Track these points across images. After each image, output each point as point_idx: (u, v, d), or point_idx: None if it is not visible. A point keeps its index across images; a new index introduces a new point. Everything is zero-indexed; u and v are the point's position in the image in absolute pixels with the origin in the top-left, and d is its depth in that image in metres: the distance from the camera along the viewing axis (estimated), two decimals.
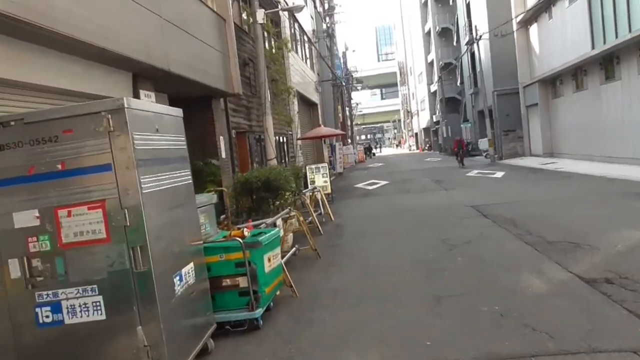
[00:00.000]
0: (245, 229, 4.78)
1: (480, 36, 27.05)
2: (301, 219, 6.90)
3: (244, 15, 13.80)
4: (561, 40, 21.41)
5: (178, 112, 4.16)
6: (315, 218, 9.44)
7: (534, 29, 25.77)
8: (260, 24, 11.25)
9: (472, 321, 4.20)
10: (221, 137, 10.27)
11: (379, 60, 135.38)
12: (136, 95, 6.80)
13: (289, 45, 17.53)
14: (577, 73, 21.13)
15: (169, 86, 8.34)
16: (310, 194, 11.11)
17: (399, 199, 13.81)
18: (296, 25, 23.11)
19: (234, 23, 12.71)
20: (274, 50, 14.94)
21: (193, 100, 9.85)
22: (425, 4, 53.57)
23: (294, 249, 6.66)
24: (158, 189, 3.48)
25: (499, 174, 18.89)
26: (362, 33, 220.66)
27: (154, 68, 6.70)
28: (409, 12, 65.96)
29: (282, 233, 6.07)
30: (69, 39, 5.03)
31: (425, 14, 54.14)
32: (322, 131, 16.40)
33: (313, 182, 14.39)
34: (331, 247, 7.92)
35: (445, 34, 48.87)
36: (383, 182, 19.96)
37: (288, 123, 15.66)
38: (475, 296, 4.83)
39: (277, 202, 7.08)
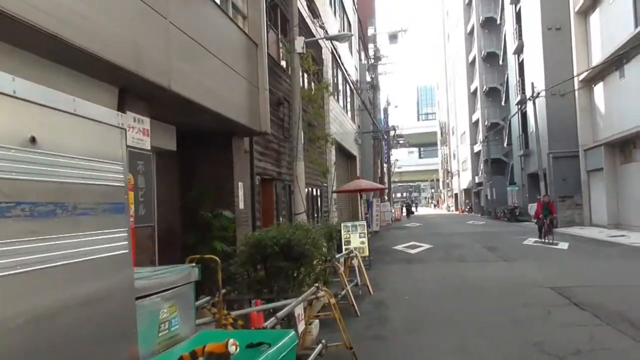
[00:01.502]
0: (233, 338, 2.74)
1: (538, 94, 25.04)
2: (332, 300, 4.81)
3: (282, 50, 12.34)
4: (637, 100, 19.11)
5: (110, 114, 2.27)
6: (351, 293, 7.29)
7: (599, 88, 23.59)
8: (299, 53, 9.62)
9: None
10: (240, 184, 8.43)
11: (418, 120, 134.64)
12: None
13: (330, 88, 16.01)
14: None
15: (175, 114, 6.62)
16: (345, 258, 9.00)
17: (452, 270, 11.48)
18: (339, 71, 21.76)
19: (269, 55, 11.19)
20: (313, 92, 13.34)
21: (210, 137, 8.13)
22: (473, 63, 52.36)
23: (319, 346, 4.54)
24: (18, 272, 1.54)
25: (563, 245, 16.26)
26: (404, 92, 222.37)
27: (148, 83, 4.97)
28: (454, 72, 64.95)
29: (302, 328, 3.99)
30: (18, 23, 3.35)
31: (472, 73, 52.80)
32: (361, 184, 14.46)
33: (348, 242, 12.29)
34: (372, 342, 5.73)
35: (492, 94, 47.14)
36: (426, 246, 17.60)
37: (323, 173, 13.83)
38: None
39: (301, 275, 5.04)
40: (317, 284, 4.71)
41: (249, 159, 9.75)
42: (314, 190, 15.83)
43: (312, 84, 15.64)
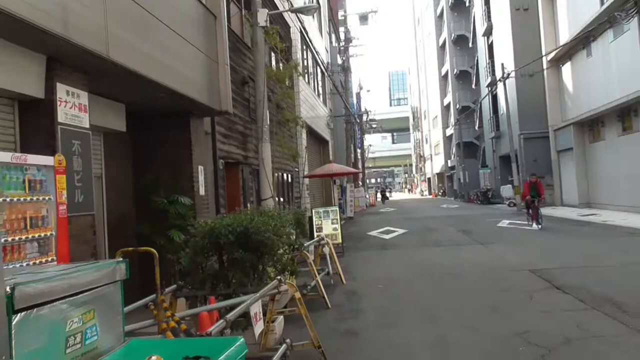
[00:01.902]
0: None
1: (508, 75, 24.84)
2: (297, 295, 4.28)
3: (247, 27, 11.61)
4: (604, 79, 19.07)
5: None
6: (321, 285, 6.77)
7: (567, 67, 23.56)
8: (263, 27, 8.94)
9: None
10: (201, 168, 7.78)
11: (391, 105, 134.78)
12: (50, 92, 4.35)
13: (299, 68, 15.36)
14: (623, 114, 18.68)
15: (123, 90, 5.93)
16: (315, 246, 8.49)
17: (427, 255, 11.10)
18: (309, 52, 21.07)
19: (232, 32, 10.49)
20: (280, 71, 12.66)
21: (166, 117, 7.44)
22: (443, 47, 52.23)
23: (283, 346, 4.01)
24: None
25: (536, 226, 16.12)
26: (376, 78, 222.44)
27: (81, 50, 4.29)
28: (424, 56, 64.81)
29: (259, 329, 3.45)
30: None
31: (443, 57, 52.71)
32: (333, 168, 13.92)
33: (320, 229, 11.79)
34: (343, 338, 5.23)
35: (463, 77, 47.13)
36: (401, 231, 17.26)
37: (293, 157, 13.24)
38: None
39: (262, 267, 4.46)
40: (279, 277, 4.16)
41: (210, 142, 9.10)
42: (284, 175, 15.24)
43: (280, 63, 14.97)
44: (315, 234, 11.75)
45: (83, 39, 4.27)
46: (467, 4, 43.42)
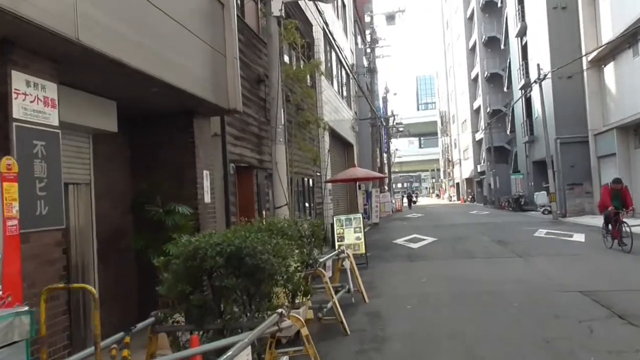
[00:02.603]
0: None
1: (545, 76, 23.44)
2: (304, 332, 3.39)
3: (263, 21, 10.83)
4: None
5: None
6: (339, 307, 5.86)
7: (610, 68, 22.05)
8: (277, 17, 8.12)
9: None
10: (206, 172, 6.98)
11: (418, 109, 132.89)
12: (3, 81, 3.58)
13: (321, 67, 14.53)
14: None
15: (111, 84, 5.16)
16: (335, 260, 7.57)
17: (460, 268, 10.05)
18: (332, 52, 20.22)
19: (247, 26, 9.72)
20: (301, 67, 11.83)
21: (166, 117, 6.68)
22: (473, 49, 50.73)
23: None
24: None
25: (578, 237, 14.85)
26: (403, 83, 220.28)
27: (40, 30, 3.51)
28: (453, 59, 63.25)
29: None
30: None
31: (473, 59, 51.15)
32: (357, 173, 13.00)
33: (342, 238, 10.90)
34: None
35: (494, 80, 45.58)
36: (429, 239, 16.18)
37: (314, 161, 12.39)
38: None
39: (258, 296, 3.56)
40: (280, 310, 3.28)
41: (220, 144, 8.31)
42: (305, 180, 14.40)
43: (302, 61, 14.15)
44: (337, 244, 10.87)
45: (42, 16, 3.49)
46: (499, 5, 41.92)
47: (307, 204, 14.31)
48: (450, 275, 9.23)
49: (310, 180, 14.79)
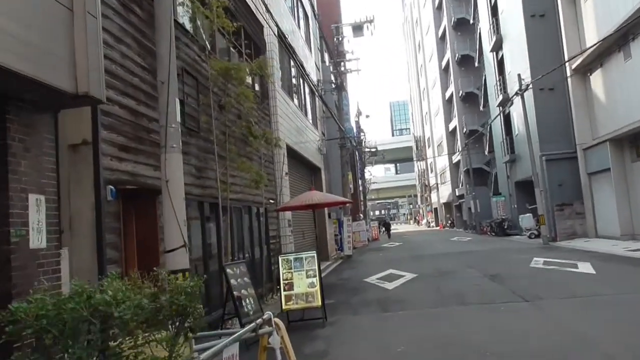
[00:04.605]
0: None
1: (527, 86, 21.41)
2: None
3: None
4: None
5: None
6: None
7: (597, 75, 20.14)
8: None
9: None
10: (37, 198, 4.20)
11: (393, 135, 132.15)
12: None
13: (271, 69, 12.01)
14: None
15: None
16: (256, 331, 4.73)
17: (451, 324, 7.29)
18: (292, 62, 17.75)
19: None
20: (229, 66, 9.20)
21: None
22: (446, 69, 49.38)
23: None
24: None
25: (585, 267, 12.34)
26: (377, 109, 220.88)
27: None
28: (427, 81, 62.04)
29: None
30: None
31: (447, 80, 49.76)
32: (314, 197, 10.30)
33: (290, 285, 8.11)
34: None
35: (469, 99, 44.06)
36: (408, 275, 13.47)
37: (257, 183, 9.68)
38: None
39: None
40: None
41: (90, 156, 5.55)
42: (252, 208, 11.63)
43: (245, 60, 11.56)
44: (283, 293, 8.07)
45: None
46: (471, 22, 40.65)
47: (252, 240, 11.48)
48: (438, 339, 6.45)
49: (258, 209, 12.00)
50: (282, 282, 8.07)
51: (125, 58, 6.66)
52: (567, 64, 20.59)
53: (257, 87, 12.97)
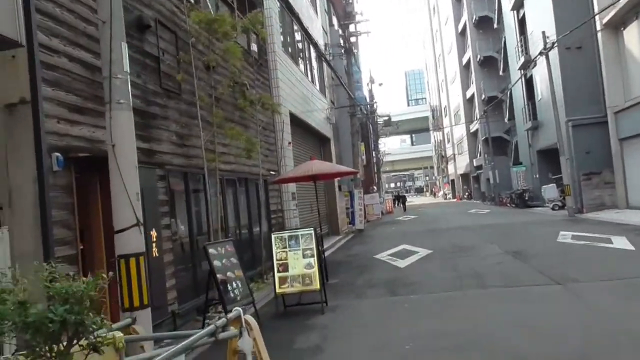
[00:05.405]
0: None
1: (553, 44, 19.69)
2: None
3: None
4: None
5: None
6: None
7: (631, 30, 18.35)
8: None
9: None
10: None
11: (408, 105, 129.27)
12: None
13: (268, 28, 10.76)
14: None
15: None
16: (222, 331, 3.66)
17: (470, 315, 6.14)
18: (294, 23, 16.38)
19: None
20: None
21: None
22: (463, 33, 47.10)
23: None
24: None
25: (621, 242, 11.04)
26: (392, 78, 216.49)
27: None
28: (442, 46, 59.67)
29: None
30: None
31: (464, 44, 47.52)
32: (314, 167, 9.16)
33: (284, 266, 7.07)
34: None
35: (488, 64, 41.95)
36: (422, 252, 12.34)
37: (249, 152, 8.57)
38: None
39: None
40: None
41: (29, 117, 4.50)
42: (249, 180, 10.56)
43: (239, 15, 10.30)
44: (277, 275, 7.04)
45: None
46: None
47: (250, 216, 10.44)
48: (454, 336, 5.32)
49: (257, 183, 10.91)
50: (275, 262, 7.01)
51: (75, 1, 5.55)
52: (597, 17, 18.76)
53: (254, 49, 11.71)
